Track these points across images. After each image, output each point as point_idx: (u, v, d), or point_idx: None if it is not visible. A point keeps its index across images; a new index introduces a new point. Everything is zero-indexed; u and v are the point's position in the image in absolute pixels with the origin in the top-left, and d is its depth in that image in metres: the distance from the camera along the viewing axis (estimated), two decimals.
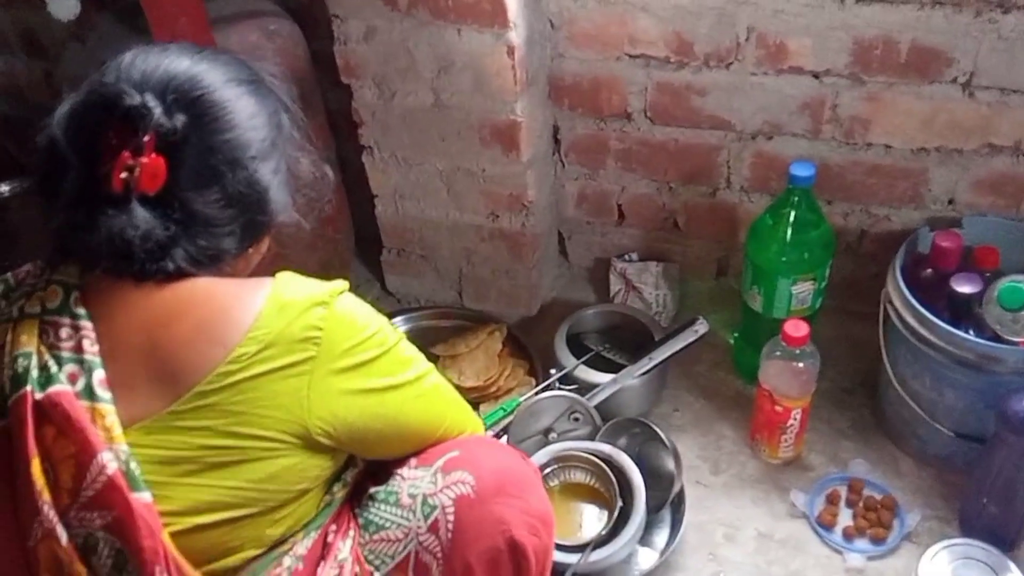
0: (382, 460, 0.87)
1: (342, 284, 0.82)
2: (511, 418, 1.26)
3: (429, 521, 0.79)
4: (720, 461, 1.31)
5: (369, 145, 1.40)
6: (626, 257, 1.53)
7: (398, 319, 1.51)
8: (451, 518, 0.79)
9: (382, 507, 0.82)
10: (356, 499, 0.86)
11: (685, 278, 1.53)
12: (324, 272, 0.83)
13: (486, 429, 1.28)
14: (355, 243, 1.61)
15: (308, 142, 0.87)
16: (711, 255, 1.51)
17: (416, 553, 0.79)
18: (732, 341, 1.44)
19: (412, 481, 0.83)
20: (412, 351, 0.86)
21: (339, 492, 0.84)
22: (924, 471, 1.26)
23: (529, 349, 1.45)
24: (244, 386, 0.73)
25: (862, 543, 1.19)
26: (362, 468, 0.87)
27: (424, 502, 0.80)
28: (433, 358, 1.41)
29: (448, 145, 1.35)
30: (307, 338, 0.76)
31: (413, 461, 0.86)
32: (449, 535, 0.79)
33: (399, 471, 0.85)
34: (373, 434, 0.81)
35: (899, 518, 1.20)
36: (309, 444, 0.76)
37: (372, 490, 0.85)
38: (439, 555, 0.79)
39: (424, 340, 1.47)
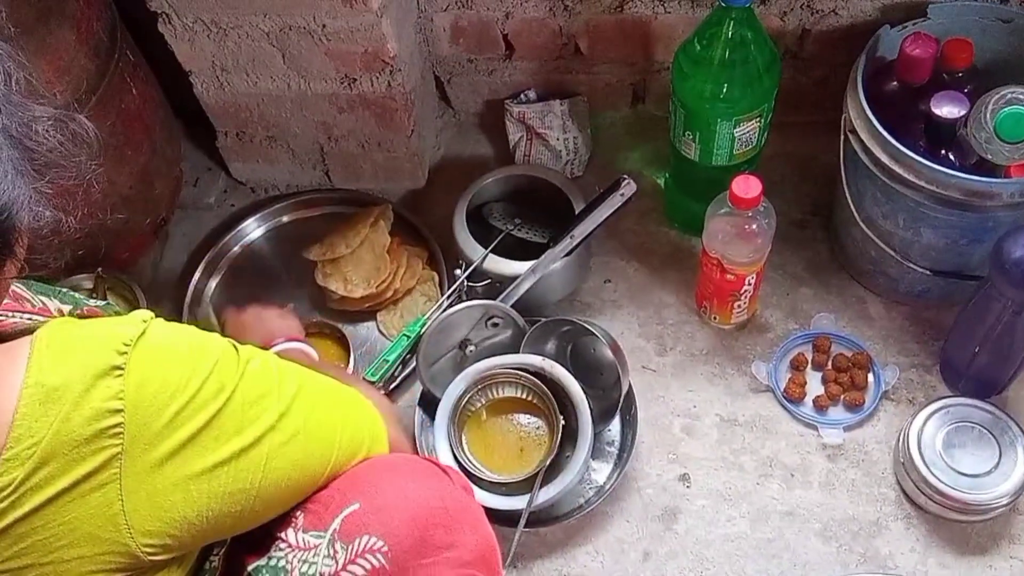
0: None
1: (141, 319, 0.55)
2: (418, 341, 1.04)
3: None
4: (665, 337, 1.13)
5: (163, 11, 1.04)
6: (522, 97, 1.25)
7: (252, 220, 1.23)
8: None
9: None
10: None
11: (596, 113, 1.27)
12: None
13: (390, 368, 1.06)
14: (185, 123, 1.28)
15: (35, 92, 0.56)
16: (623, 82, 1.24)
17: None
18: (662, 184, 1.22)
19: (303, 554, 0.61)
20: (266, 370, 0.62)
21: None
22: (895, 311, 1.11)
23: (424, 232, 1.20)
24: (20, 531, 0.49)
25: (837, 412, 1.05)
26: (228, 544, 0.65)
27: None
28: (308, 264, 1.16)
29: (268, 0, 1.01)
30: (102, 431, 0.51)
31: (299, 518, 0.64)
32: None
33: (282, 534, 0.63)
34: (231, 519, 0.58)
35: (874, 375, 1.06)
36: (141, 569, 0.54)
37: (251, 567, 0.63)
38: None
39: (291, 240, 1.21)
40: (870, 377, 1.06)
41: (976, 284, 0.97)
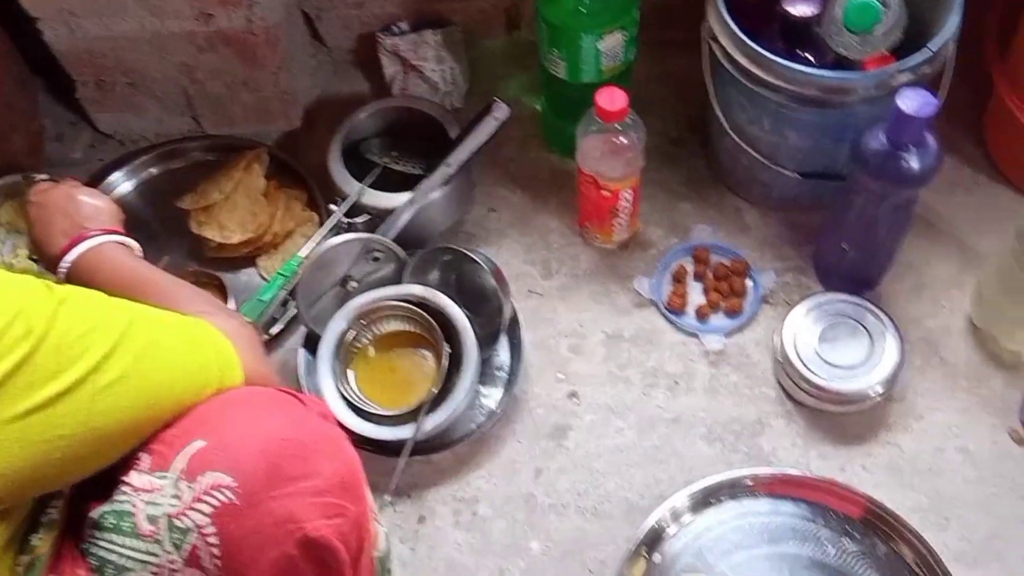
0: None
1: None
2: (297, 280, 1.02)
3: (184, 552, 0.57)
4: (550, 261, 1.13)
5: None
6: (395, 29, 1.22)
7: (120, 173, 1.18)
8: (214, 541, 0.57)
9: (115, 538, 0.58)
10: (76, 529, 0.62)
11: (472, 42, 1.25)
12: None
13: (266, 309, 1.04)
14: (47, 77, 1.22)
15: None
16: (497, 7, 1.22)
17: None
18: (540, 109, 1.21)
19: (147, 496, 0.59)
20: (87, 307, 0.59)
21: (42, 544, 0.60)
22: (770, 218, 1.13)
23: (302, 173, 1.17)
24: None
25: (718, 320, 1.07)
26: (68, 492, 0.62)
27: (171, 527, 0.57)
28: (183, 214, 1.13)
29: None
30: None
31: (144, 460, 0.61)
32: (217, 564, 0.57)
33: (126, 478, 0.61)
34: (53, 468, 0.55)
35: (752, 281, 1.08)
36: None
37: (95, 513, 0.60)
38: None
39: (164, 192, 1.17)
40: (748, 283, 1.08)
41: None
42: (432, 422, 0.96)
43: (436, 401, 0.97)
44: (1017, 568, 0.90)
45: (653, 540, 0.94)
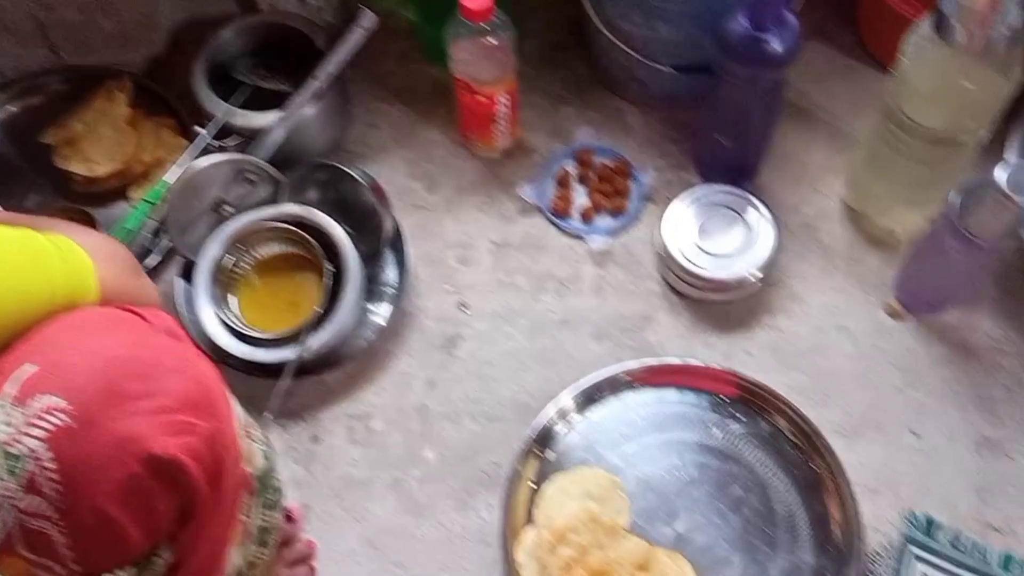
0: None
1: None
2: (165, 206, 0.99)
3: (21, 479, 0.55)
4: (434, 175, 1.11)
5: None
6: None
7: None
8: (51, 466, 0.55)
9: None
10: None
11: None
12: None
13: (133, 238, 1.00)
14: None
15: None
16: None
17: (19, 524, 0.56)
18: (412, 19, 1.18)
19: None
20: None
21: None
22: (651, 117, 1.13)
23: (168, 99, 1.13)
24: None
25: (603, 221, 1.07)
26: None
27: (5, 455, 0.55)
28: (47, 150, 1.08)
29: None
30: None
31: None
32: (57, 489, 0.55)
33: None
34: None
35: (635, 180, 1.08)
36: None
37: None
38: (53, 516, 0.56)
39: (25, 128, 1.11)
40: (631, 183, 1.08)
41: None
42: (317, 341, 0.95)
43: (322, 320, 0.96)
44: (895, 434, 0.94)
45: (545, 438, 0.95)
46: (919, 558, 0.87)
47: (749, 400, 0.95)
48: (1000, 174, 0.77)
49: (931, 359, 0.97)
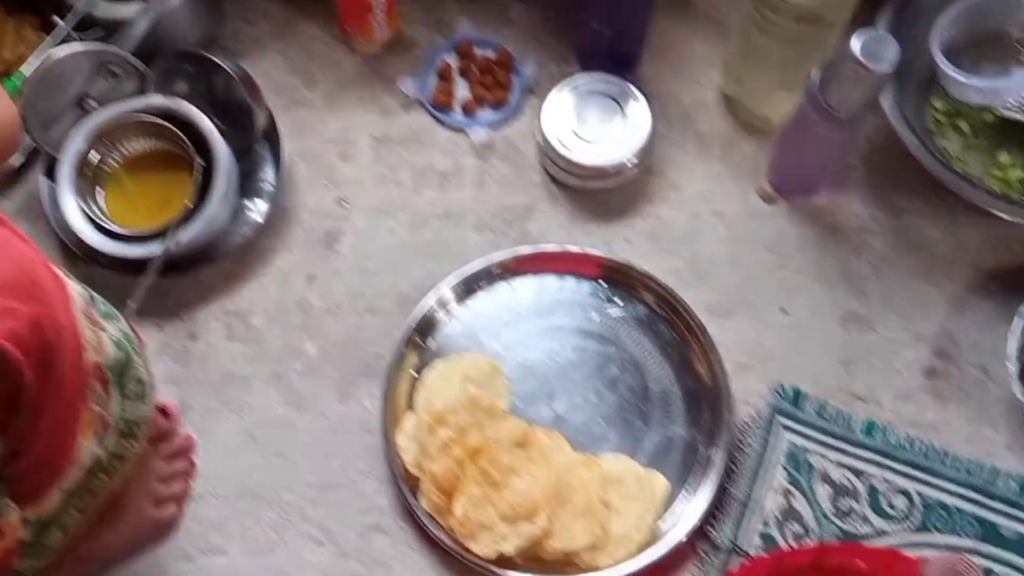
0: None
1: None
2: (22, 99, 0.94)
3: None
4: (313, 70, 1.08)
5: None
6: None
7: None
8: None
9: None
10: None
11: None
12: None
13: None
14: None
15: None
16: None
17: None
18: None
19: None
20: None
21: None
22: (533, 9, 1.11)
23: None
24: None
25: (485, 113, 1.06)
26: None
27: None
28: None
29: None
30: None
31: None
32: None
33: None
34: None
35: (517, 73, 1.07)
36: None
37: None
38: None
39: None
40: (513, 76, 1.07)
41: None
42: (187, 235, 0.93)
43: (192, 215, 0.94)
44: (763, 311, 0.97)
45: (425, 327, 0.95)
46: (786, 427, 0.91)
47: (626, 284, 0.97)
48: (855, 44, 0.79)
49: (801, 240, 0.99)
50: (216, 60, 0.97)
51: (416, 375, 0.93)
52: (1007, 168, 0.99)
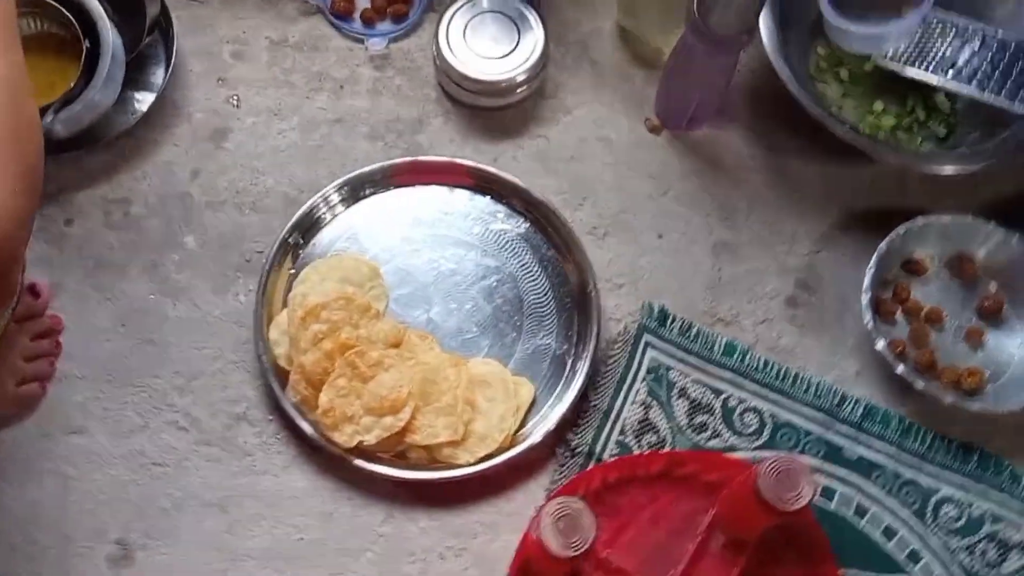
0: None
1: None
2: None
3: None
4: None
5: None
6: None
7: None
8: None
9: None
10: None
11: None
12: None
13: None
14: None
15: None
16: None
17: None
18: None
19: None
20: None
21: None
22: None
23: None
24: None
25: (384, 25, 1.06)
26: None
27: None
28: None
29: None
30: None
31: None
32: None
33: None
34: None
35: None
36: None
37: None
38: None
39: None
40: None
41: None
42: (66, 116, 0.91)
43: (75, 99, 0.93)
44: (640, 235, 1.00)
45: (308, 227, 0.96)
46: (651, 344, 0.94)
47: (509, 200, 0.99)
48: None
49: (683, 170, 1.03)
50: None
51: (295, 273, 0.94)
52: (880, 115, 1.04)
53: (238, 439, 0.89)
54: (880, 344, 0.92)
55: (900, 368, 0.91)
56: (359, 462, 0.86)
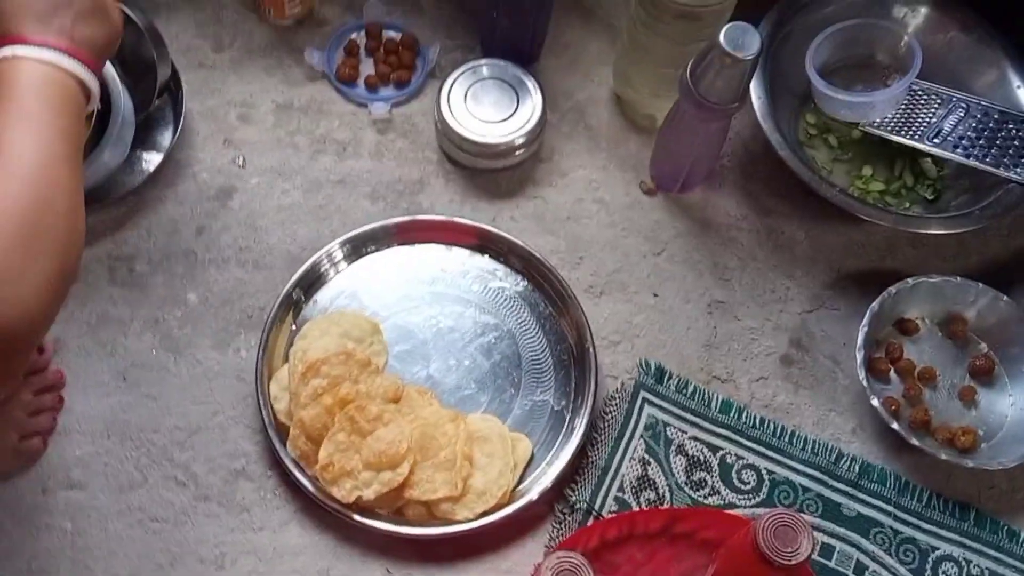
0: None
1: None
2: None
3: None
4: (223, 36, 1.11)
5: None
6: None
7: None
8: None
9: None
10: None
11: None
12: None
13: None
14: None
15: None
16: None
17: None
18: None
19: None
20: None
21: None
22: (444, 1, 1.16)
23: None
24: None
25: (387, 90, 1.10)
26: None
27: None
28: None
29: None
30: None
31: None
32: None
33: None
34: None
35: (421, 56, 1.12)
36: None
37: None
38: None
39: None
40: (417, 59, 1.11)
41: None
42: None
43: (84, 157, 0.95)
44: (636, 294, 1.01)
45: (310, 284, 0.97)
46: (648, 401, 0.95)
47: (507, 259, 1.01)
48: (720, 34, 0.85)
49: (676, 231, 1.05)
50: (126, 11, 0.98)
51: (296, 329, 0.95)
52: (869, 180, 1.08)
53: (237, 494, 0.89)
54: (875, 401, 0.93)
55: (896, 425, 0.92)
56: (358, 517, 0.86)
